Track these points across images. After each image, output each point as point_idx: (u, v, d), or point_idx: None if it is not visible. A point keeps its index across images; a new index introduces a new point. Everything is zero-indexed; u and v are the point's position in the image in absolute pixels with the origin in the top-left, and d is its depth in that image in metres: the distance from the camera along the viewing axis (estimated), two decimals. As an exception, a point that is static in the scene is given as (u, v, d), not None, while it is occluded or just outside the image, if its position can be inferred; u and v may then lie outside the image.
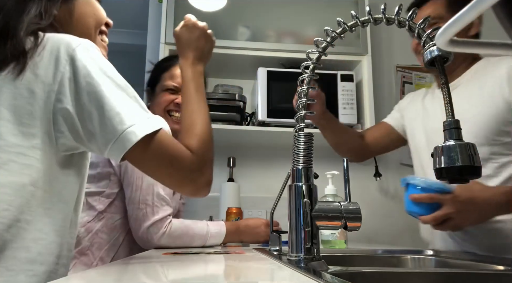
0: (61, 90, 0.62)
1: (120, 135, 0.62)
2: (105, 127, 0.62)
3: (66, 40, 0.65)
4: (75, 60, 0.63)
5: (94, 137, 0.63)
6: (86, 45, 0.66)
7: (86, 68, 0.63)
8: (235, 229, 1.27)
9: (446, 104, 0.61)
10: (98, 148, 0.65)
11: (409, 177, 1.01)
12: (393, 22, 0.71)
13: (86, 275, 0.58)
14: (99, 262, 1.16)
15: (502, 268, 0.77)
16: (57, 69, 0.63)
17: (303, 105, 0.76)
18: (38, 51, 0.63)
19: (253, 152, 1.99)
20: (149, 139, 0.65)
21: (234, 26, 1.87)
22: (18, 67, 0.61)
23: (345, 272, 0.66)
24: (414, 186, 0.97)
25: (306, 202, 0.69)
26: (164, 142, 0.68)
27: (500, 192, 0.95)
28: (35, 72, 0.62)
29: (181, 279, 0.56)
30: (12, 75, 0.61)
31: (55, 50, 0.64)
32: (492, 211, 0.96)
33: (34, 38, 0.64)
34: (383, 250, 1.10)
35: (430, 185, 0.94)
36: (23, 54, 0.62)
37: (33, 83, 0.62)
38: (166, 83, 1.31)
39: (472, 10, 0.30)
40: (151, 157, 0.67)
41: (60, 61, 0.63)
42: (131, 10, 2.71)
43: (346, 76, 1.87)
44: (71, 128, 0.63)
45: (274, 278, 0.54)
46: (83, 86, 0.63)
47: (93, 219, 1.18)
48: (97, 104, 0.62)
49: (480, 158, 0.58)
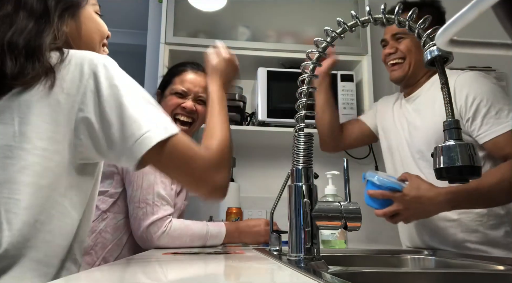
0: (83, 101, 0.68)
1: (137, 139, 0.66)
2: (124, 133, 0.67)
3: (89, 57, 0.71)
4: (97, 74, 0.69)
5: (113, 143, 0.68)
6: (106, 61, 0.72)
7: (107, 81, 0.69)
8: (235, 229, 1.27)
9: (446, 104, 0.61)
10: (116, 154, 0.69)
11: (368, 173, 1.11)
12: (393, 22, 0.71)
13: (86, 275, 0.58)
14: (102, 261, 1.16)
15: (502, 268, 0.77)
16: (81, 82, 0.69)
17: (303, 105, 0.76)
18: (64, 65, 0.70)
19: (253, 152, 1.99)
20: (165, 143, 0.69)
21: (234, 26, 1.87)
22: (49, 82, 0.67)
23: (345, 272, 0.66)
24: (372, 183, 1.08)
25: (306, 202, 0.69)
26: (180, 144, 0.71)
27: (444, 191, 1.04)
28: (61, 85, 0.68)
29: (181, 279, 0.56)
30: (44, 89, 0.67)
31: (79, 65, 0.70)
32: (435, 209, 1.07)
33: (60, 53, 0.70)
34: (383, 250, 1.10)
35: (384, 183, 1.06)
36: (51, 70, 0.68)
37: (59, 95, 0.68)
38: (175, 86, 1.32)
39: (472, 10, 0.30)
40: (168, 159, 0.70)
41: (83, 76, 0.69)
42: (131, 10, 2.71)
43: (346, 76, 1.87)
44: (92, 136, 0.68)
45: (274, 278, 0.54)
46: (104, 97, 0.68)
47: (97, 218, 1.18)
48: (117, 113, 0.68)
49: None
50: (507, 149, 1.07)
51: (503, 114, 1.09)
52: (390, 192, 1.06)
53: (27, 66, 0.68)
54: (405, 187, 1.06)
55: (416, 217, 1.10)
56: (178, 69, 1.37)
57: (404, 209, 1.05)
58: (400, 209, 1.05)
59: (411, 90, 1.33)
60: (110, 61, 0.73)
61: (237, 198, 1.67)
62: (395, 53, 1.31)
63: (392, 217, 1.08)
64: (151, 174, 1.16)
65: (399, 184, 1.06)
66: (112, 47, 0.91)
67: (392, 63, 1.32)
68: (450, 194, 1.03)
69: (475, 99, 1.12)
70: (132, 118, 0.67)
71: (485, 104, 1.11)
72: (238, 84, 1.99)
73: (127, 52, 2.83)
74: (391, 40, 1.32)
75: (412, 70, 1.29)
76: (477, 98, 1.12)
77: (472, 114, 1.12)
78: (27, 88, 0.67)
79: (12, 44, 0.69)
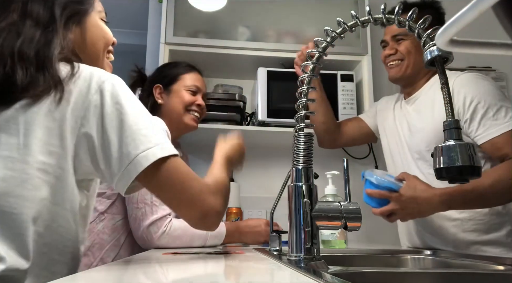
0: (86, 116, 0.68)
1: (134, 159, 0.66)
2: (122, 152, 0.67)
3: (98, 74, 0.72)
4: (103, 91, 0.69)
5: (111, 162, 0.68)
6: (114, 79, 0.72)
7: (111, 99, 0.69)
8: (235, 229, 1.27)
9: (446, 104, 0.61)
10: (111, 173, 0.68)
11: (367, 171, 1.13)
12: (393, 22, 0.71)
13: (86, 275, 0.58)
14: (100, 262, 1.16)
15: (502, 268, 0.77)
16: (87, 97, 0.69)
17: (303, 105, 0.76)
18: (74, 80, 0.70)
19: (253, 152, 1.98)
20: (162, 162, 0.68)
21: (234, 26, 1.87)
22: (58, 95, 0.67)
23: (345, 272, 0.66)
24: (370, 182, 1.10)
25: (306, 202, 0.69)
26: (177, 165, 0.71)
27: (439, 192, 1.05)
28: (68, 99, 0.68)
29: (181, 279, 0.56)
30: (52, 102, 0.67)
31: (88, 80, 0.70)
32: (431, 209, 1.08)
33: (71, 67, 0.70)
34: (383, 250, 1.11)
35: (381, 183, 1.08)
36: (60, 83, 0.68)
37: (65, 109, 0.68)
38: (188, 83, 1.40)
39: (472, 10, 0.29)
40: (163, 179, 0.70)
41: (90, 91, 0.69)
42: (131, 10, 2.71)
43: (346, 76, 1.87)
44: (91, 152, 0.69)
45: (274, 278, 0.54)
46: (107, 114, 0.68)
47: (94, 220, 1.18)
48: (118, 132, 0.68)
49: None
50: (504, 149, 1.08)
51: (500, 116, 1.10)
52: (387, 192, 1.07)
53: (38, 77, 0.68)
54: (402, 186, 1.07)
55: (411, 217, 1.12)
56: (187, 67, 1.44)
57: (400, 209, 1.07)
58: (397, 208, 1.07)
59: (411, 91, 1.33)
60: (118, 80, 0.73)
61: (237, 198, 1.67)
62: (394, 54, 1.32)
63: (388, 216, 1.09)
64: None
65: (396, 184, 1.08)
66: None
67: (391, 64, 1.33)
68: (445, 195, 1.04)
69: (472, 100, 1.13)
70: (130, 137, 0.67)
71: (482, 106, 1.12)
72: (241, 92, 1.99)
73: (127, 52, 2.82)
74: (391, 41, 1.33)
75: (410, 71, 1.29)
76: (475, 100, 1.13)
77: (469, 116, 1.12)
78: (36, 100, 0.67)
79: (22, 54, 0.68)
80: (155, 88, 1.39)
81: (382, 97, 1.56)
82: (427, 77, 1.31)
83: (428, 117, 1.22)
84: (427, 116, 1.23)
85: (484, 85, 1.16)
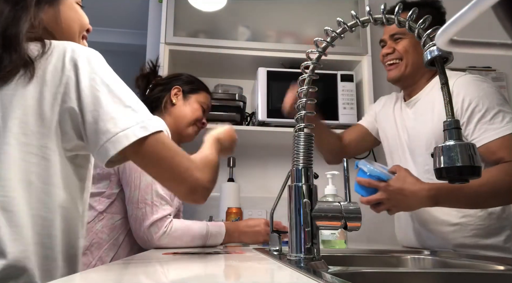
0: (66, 92, 0.67)
1: (112, 137, 0.65)
2: (99, 129, 0.66)
3: (71, 48, 0.70)
4: (78, 66, 0.68)
5: (88, 137, 0.67)
6: (90, 53, 0.71)
7: (86, 74, 0.68)
8: (235, 229, 1.27)
9: (446, 104, 0.61)
10: (89, 147, 0.68)
11: (361, 161, 1.13)
12: (393, 22, 0.71)
13: (86, 275, 0.58)
14: (98, 262, 1.16)
15: (502, 268, 0.77)
16: (63, 73, 0.68)
17: (303, 105, 0.76)
18: (46, 57, 0.68)
19: (253, 152, 1.99)
20: (143, 141, 0.67)
21: (234, 26, 1.87)
22: (28, 74, 0.66)
23: (345, 272, 0.66)
24: (362, 171, 1.10)
25: (306, 202, 0.69)
26: (162, 141, 0.70)
27: (427, 187, 1.04)
28: (43, 77, 0.67)
29: (181, 279, 0.56)
30: (24, 82, 0.66)
31: (61, 56, 0.69)
32: (417, 203, 1.07)
33: (41, 45, 0.69)
34: (383, 250, 1.10)
35: (372, 173, 1.08)
36: (30, 61, 0.66)
37: (42, 87, 0.67)
38: (204, 100, 1.46)
39: (472, 10, 0.29)
40: (148, 157, 0.69)
41: (65, 66, 0.68)
42: (131, 10, 2.71)
43: (346, 76, 1.87)
44: (75, 126, 0.68)
45: (274, 278, 0.54)
46: (85, 89, 0.67)
47: (93, 219, 1.18)
48: (94, 108, 0.66)
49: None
50: (499, 153, 1.07)
51: (497, 120, 1.09)
52: (376, 181, 1.07)
53: (4, 57, 0.66)
54: (392, 178, 1.07)
55: (398, 209, 1.11)
56: (205, 87, 1.50)
57: (386, 199, 1.06)
58: (383, 198, 1.06)
59: (411, 93, 1.32)
60: (93, 53, 0.71)
61: (237, 198, 1.67)
62: (392, 53, 1.30)
63: (375, 206, 1.09)
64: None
65: (386, 175, 1.08)
66: (112, 47, 0.91)
67: (389, 63, 1.32)
68: (433, 190, 1.03)
69: (470, 103, 1.12)
70: (108, 115, 0.66)
71: (480, 109, 1.11)
72: (239, 85, 1.99)
73: (127, 52, 2.83)
74: (389, 40, 1.32)
75: (409, 70, 1.28)
76: (473, 103, 1.12)
77: (466, 119, 1.12)
78: (5, 81, 0.66)
79: None
80: (174, 88, 1.41)
81: (380, 98, 1.54)
82: (427, 78, 1.30)
83: (428, 121, 1.21)
84: (427, 120, 1.22)
85: (483, 88, 1.15)
